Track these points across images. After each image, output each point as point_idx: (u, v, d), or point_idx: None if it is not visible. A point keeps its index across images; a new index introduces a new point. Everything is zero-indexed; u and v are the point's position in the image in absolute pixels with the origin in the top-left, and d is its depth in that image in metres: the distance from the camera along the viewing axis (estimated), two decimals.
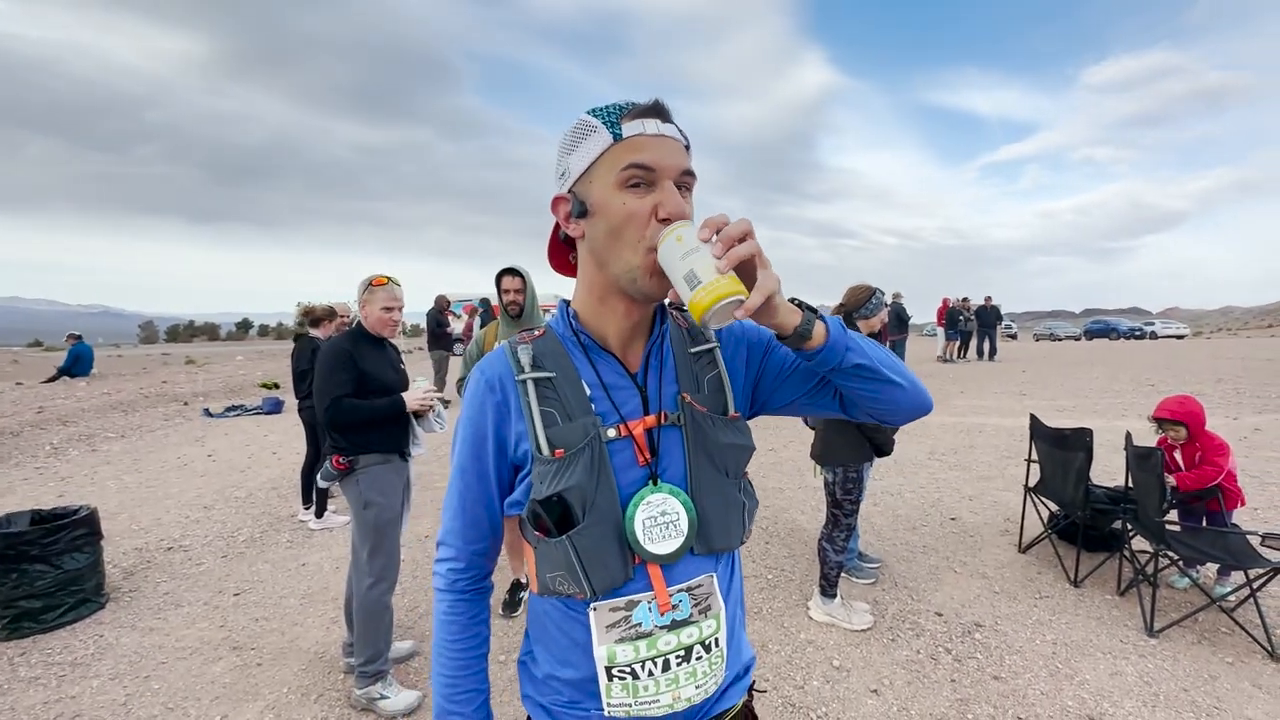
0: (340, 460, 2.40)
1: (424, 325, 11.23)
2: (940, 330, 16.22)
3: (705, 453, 0.84)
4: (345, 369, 2.39)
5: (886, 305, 3.06)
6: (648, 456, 0.82)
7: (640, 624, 0.80)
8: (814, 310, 0.78)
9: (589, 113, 0.79)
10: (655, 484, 0.81)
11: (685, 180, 0.78)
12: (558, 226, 0.91)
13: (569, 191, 0.82)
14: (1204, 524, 3.15)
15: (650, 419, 0.83)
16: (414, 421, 2.55)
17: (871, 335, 3.04)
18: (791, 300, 0.78)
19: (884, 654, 2.71)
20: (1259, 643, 2.65)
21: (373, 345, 2.51)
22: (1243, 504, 3.13)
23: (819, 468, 3.05)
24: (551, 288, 2.89)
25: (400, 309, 2.51)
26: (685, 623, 0.82)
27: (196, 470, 6.26)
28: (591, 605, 0.81)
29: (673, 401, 0.85)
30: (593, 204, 0.79)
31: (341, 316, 4.63)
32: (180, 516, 4.79)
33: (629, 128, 0.76)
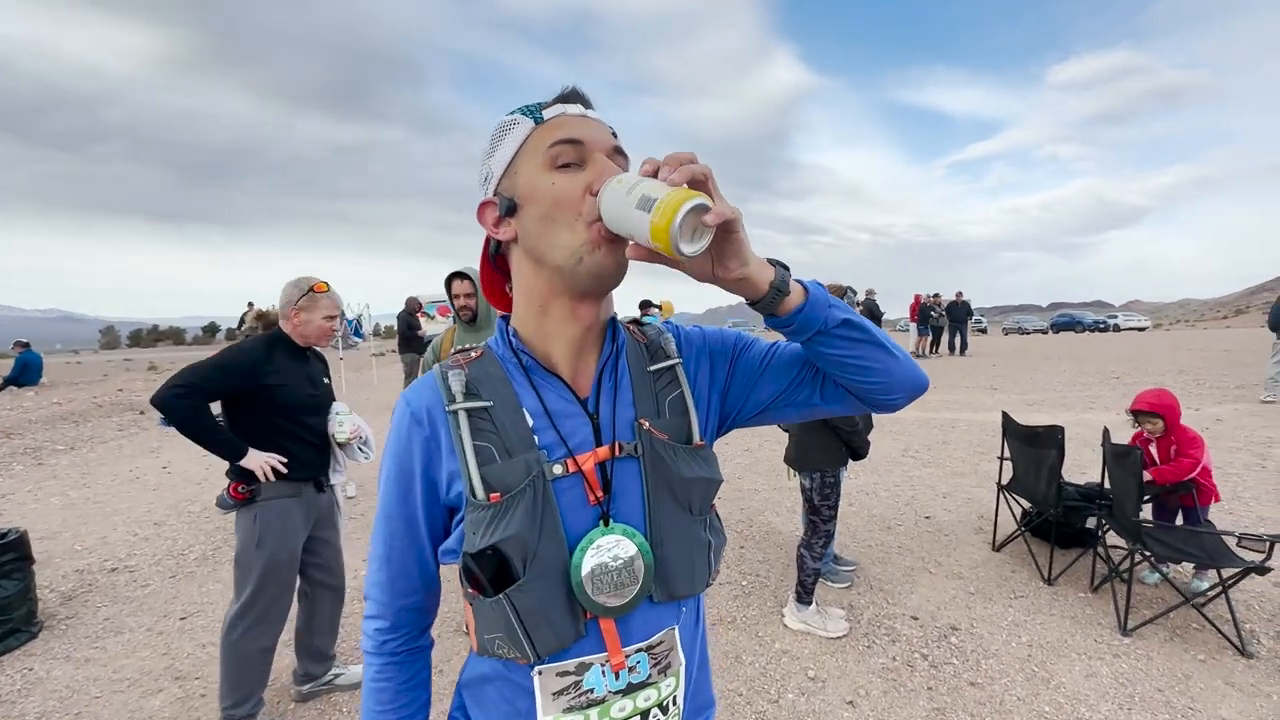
0: (239, 489, 2.10)
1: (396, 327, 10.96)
2: (913, 326, 16.42)
3: (666, 487, 0.74)
4: (235, 375, 2.09)
5: (859, 303, 3.00)
6: (599, 494, 0.72)
7: (592, 690, 0.71)
8: (785, 266, 0.70)
9: (508, 113, 0.73)
10: (606, 525, 0.71)
11: (617, 160, 0.71)
12: (488, 245, 0.81)
13: (495, 194, 0.73)
14: (1179, 520, 3.16)
15: (603, 451, 0.73)
16: (336, 449, 2.35)
17: None
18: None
19: (860, 662, 2.65)
20: (1229, 640, 2.64)
21: (292, 355, 2.23)
22: (1217, 499, 3.15)
23: (793, 472, 2.98)
24: None
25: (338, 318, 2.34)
26: (643, 685, 0.73)
27: (149, 483, 5.96)
28: (536, 670, 0.70)
29: (629, 429, 0.75)
30: (520, 194, 0.70)
31: None
32: (128, 534, 4.52)
33: (550, 111, 0.71)
